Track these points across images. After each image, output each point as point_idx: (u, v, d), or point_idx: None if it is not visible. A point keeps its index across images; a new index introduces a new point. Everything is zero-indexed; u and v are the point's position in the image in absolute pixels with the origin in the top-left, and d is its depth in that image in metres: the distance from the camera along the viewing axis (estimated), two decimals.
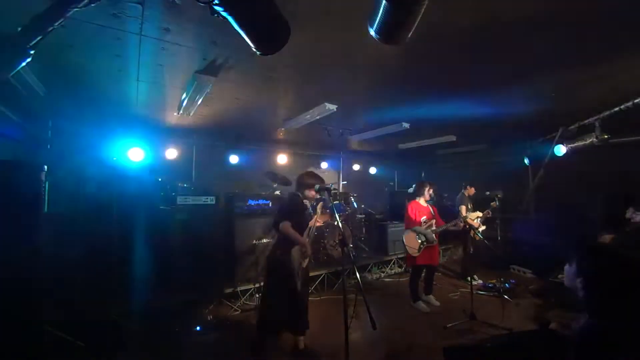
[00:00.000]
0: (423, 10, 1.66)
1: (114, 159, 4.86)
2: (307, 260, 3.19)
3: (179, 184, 5.27)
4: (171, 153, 5.88)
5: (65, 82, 3.39)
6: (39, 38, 1.79)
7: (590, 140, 4.67)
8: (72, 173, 4.17)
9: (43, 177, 2.01)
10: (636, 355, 1.16)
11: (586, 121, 4.74)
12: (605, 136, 4.51)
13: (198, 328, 3.73)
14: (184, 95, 3.62)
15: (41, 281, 2.49)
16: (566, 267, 1.39)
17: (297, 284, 3.05)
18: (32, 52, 1.88)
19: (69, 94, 3.75)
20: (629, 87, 3.51)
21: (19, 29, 1.82)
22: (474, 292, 4.21)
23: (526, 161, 6.35)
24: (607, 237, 3.43)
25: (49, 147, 4.48)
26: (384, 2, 1.58)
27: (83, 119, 4.67)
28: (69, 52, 2.66)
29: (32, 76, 3.10)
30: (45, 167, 2.09)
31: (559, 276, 5.02)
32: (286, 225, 2.98)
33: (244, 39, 1.89)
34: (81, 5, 1.62)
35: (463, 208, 5.61)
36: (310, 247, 3.16)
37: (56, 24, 1.68)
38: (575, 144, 4.99)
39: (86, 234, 3.82)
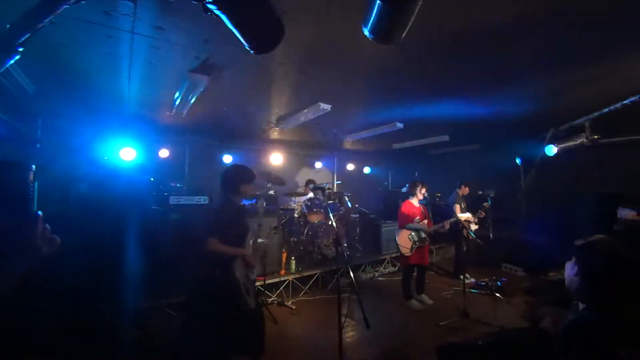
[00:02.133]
0: (417, 10, 1.67)
1: (106, 158, 4.80)
2: (254, 271, 2.77)
3: (172, 184, 5.24)
4: (164, 152, 5.83)
5: (55, 80, 3.34)
6: (27, 35, 1.75)
7: (581, 140, 4.76)
8: (62, 173, 4.10)
9: (31, 177, 1.98)
10: (628, 348, 1.19)
11: (576, 122, 4.82)
12: (595, 136, 4.59)
13: None
14: (177, 94, 3.59)
15: (31, 282, 2.45)
16: (567, 263, 1.43)
17: (248, 302, 2.60)
18: (20, 49, 1.85)
19: (59, 92, 3.69)
20: (618, 88, 3.58)
21: (8, 26, 1.78)
22: (467, 290, 4.25)
23: (518, 161, 6.43)
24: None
25: (38, 146, 4.41)
26: (378, 1, 1.59)
27: (74, 118, 4.61)
28: (58, 50, 2.62)
29: (20, 74, 3.05)
30: (34, 166, 2.06)
31: (550, 274, 5.11)
32: (213, 243, 2.51)
33: (238, 38, 1.88)
34: (71, 1, 1.60)
35: (457, 207, 5.66)
36: (252, 258, 2.72)
37: (46, 20, 1.65)
38: (566, 144, 5.07)
39: (77, 235, 3.76)
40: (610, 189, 5.23)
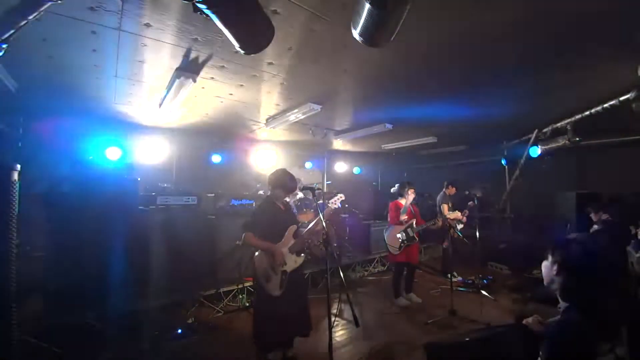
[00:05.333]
0: (405, 14, 1.69)
1: (90, 157, 4.69)
2: (283, 265, 2.84)
3: (159, 184, 5.16)
4: (151, 152, 5.72)
5: (39, 78, 3.25)
6: (11, 32, 1.70)
7: (563, 142, 4.91)
8: (45, 172, 3.99)
9: (16, 177, 1.93)
10: (609, 343, 1.23)
11: (559, 124, 4.97)
12: (577, 139, 4.74)
13: (179, 331, 3.65)
14: (165, 92, 3.54)
15: (12, 285, 2.37)
16: (543, 263, 1.46)
17: (265, 288, 2.80)
18: (4, 45, 1.79)
19: (42, 90, 3.59)
20: (599, 93, 3.71)
21: None
22: (454, 288, 4.33)
23: (503, 162, 6.58)
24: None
25: (19, 145, 4.28)
26: (367, 5, 1.61)
27: (57, 116, 4.48)
28: (42, 46, 2.55)
29: (3, 71, 2.96)
30: (19, 166, 1.99)
31: (534, 272, 5.24)
32: (248, 237, 2.84)
33: (227, 37, 1.87)
34: None
35: (445, 207, 5.75)
36: (280, 254, 2.83)
37: (31, 17, 1.61)
38: (549, 146, 5.22)
39: (60, 236, 3.67)
40: (590, 189, 5.42)
